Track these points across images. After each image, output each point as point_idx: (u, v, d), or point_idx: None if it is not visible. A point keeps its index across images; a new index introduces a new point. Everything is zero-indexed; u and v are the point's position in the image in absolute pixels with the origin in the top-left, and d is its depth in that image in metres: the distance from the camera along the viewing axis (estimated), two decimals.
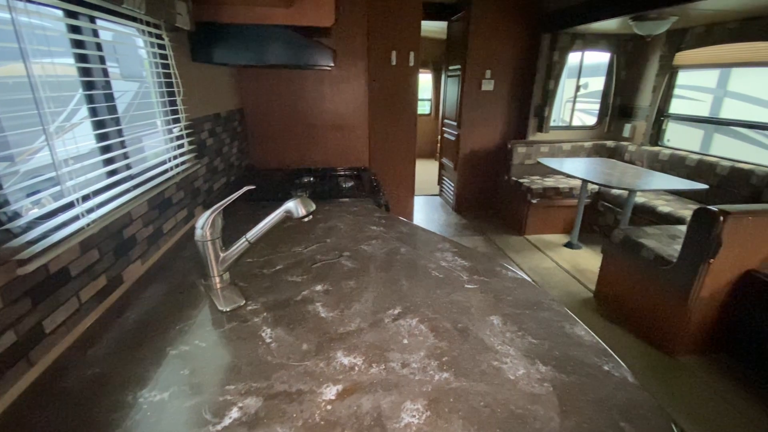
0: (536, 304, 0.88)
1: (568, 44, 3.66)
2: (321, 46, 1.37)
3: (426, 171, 6.20)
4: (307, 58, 1.33)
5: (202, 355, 0.71)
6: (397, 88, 3.13)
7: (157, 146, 1.16)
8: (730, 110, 4.13)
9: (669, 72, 3.41)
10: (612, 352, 0.73)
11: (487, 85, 3.92)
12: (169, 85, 1.19)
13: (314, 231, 1.31)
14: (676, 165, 3.26)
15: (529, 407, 0.60)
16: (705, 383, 1.87)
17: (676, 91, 3.60)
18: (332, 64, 1.43)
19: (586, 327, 0.80)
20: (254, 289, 0.94)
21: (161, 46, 1.14)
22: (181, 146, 1.24)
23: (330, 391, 0.62)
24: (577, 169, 3.14)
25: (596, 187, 3.44)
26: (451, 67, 4.33)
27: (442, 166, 4.92)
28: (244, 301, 0.87)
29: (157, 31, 1.12)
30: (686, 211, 2.78)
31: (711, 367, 1.98)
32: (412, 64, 3.10)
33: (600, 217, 3.53)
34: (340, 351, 0.72)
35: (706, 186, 2.71)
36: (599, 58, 3.98)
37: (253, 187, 0.90)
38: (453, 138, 4.28)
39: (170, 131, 1.18)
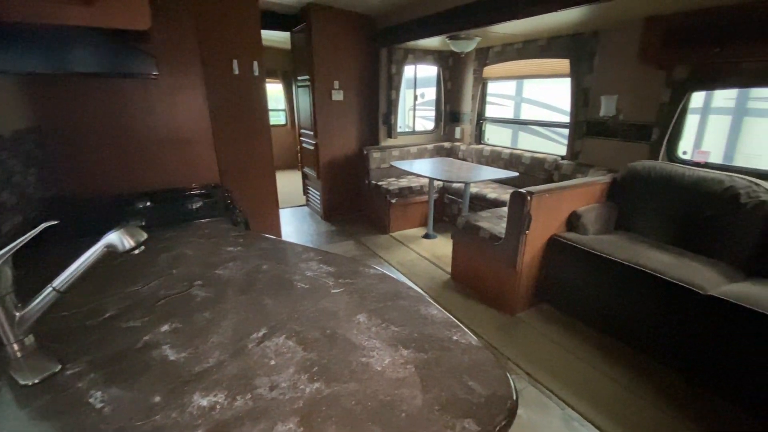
0: (396, 294, 0.95)
1: (402, 58, 4.08)
2: (137, 51, 1.20)
3: (290, 182, 6.07)
4: (120, 65, 1.14)
5: None
6: (243, 98, 2.99)
7: None
8: (526, 112, 5.28)
9: (481, 83, 4.14)
10: (459, 323, 0.83)
11: (337, 96, 4.07)
12: None
13: (156, 263, 1.13)
14: (495, 159, 3.98)
15: (396, 392, 0.64)
16: (537, 331, 2.33)
17: (489, 99, 4.39)
18: (155, 72, 1.26)
19: (438, 306, 0.90)
20: (75, 347, 0.76)
21: None
22: None
23: None
24: (424, 169, 3.54)
25: (441, 182, 3.93)
26: (300, 78, 4.34)
27: (305, 176, 4.88)
28: (59, 366, 0.70)
29: None
30: (507, 195, 3.40)
31: (539, 316, 2.48)
32: (257, 73, 2.99)
33: (447, 208, 4.06)
34: (197, 393, 0.64)
35: (517, 173, 3.38)
36: (430, 71, 4.56)
37: (54, 222, 0.73)
38: (312, 147, 4.30)
39: None
